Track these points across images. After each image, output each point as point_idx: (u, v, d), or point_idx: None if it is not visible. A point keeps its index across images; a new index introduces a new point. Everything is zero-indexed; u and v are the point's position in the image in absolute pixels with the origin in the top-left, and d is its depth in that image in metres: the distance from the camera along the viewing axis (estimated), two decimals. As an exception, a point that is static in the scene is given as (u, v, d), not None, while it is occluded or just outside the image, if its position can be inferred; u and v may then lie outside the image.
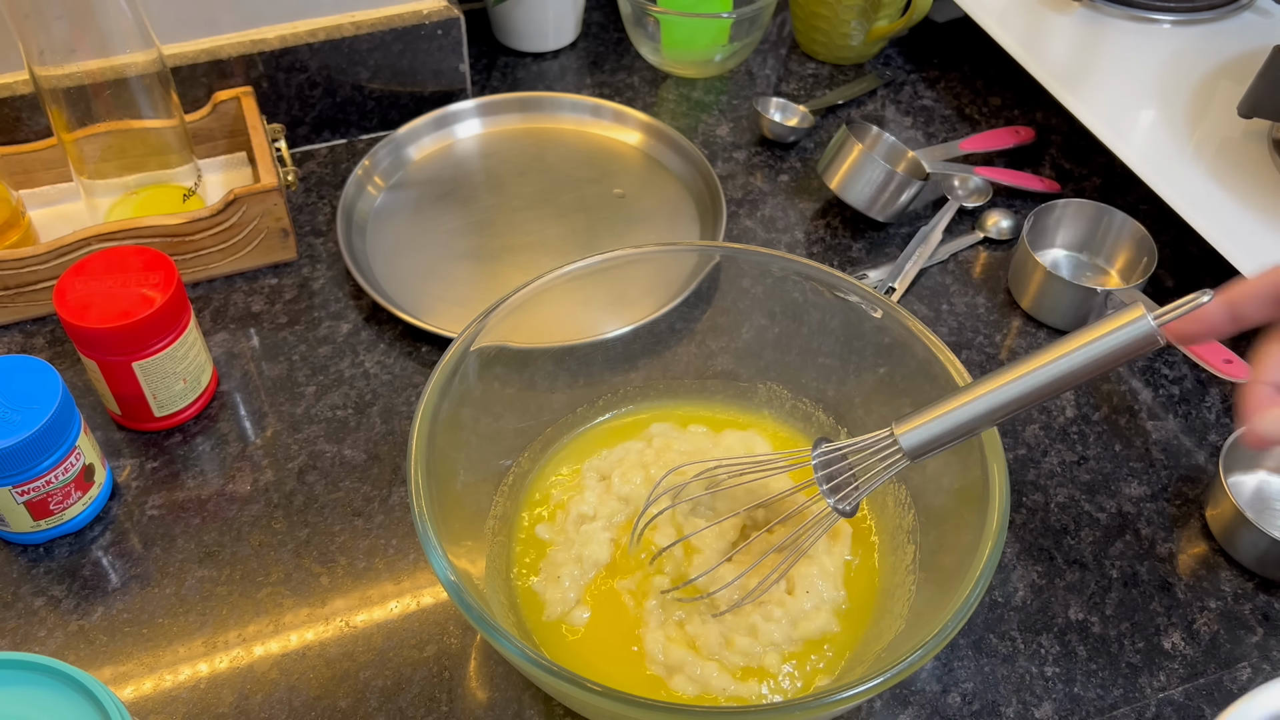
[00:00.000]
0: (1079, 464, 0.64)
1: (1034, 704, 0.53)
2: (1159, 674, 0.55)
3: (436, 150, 0.83)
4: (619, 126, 0.85)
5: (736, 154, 0.84)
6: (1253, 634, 0.56)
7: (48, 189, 0.75)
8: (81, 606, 0.56)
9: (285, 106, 0.80)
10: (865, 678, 0.41)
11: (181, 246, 0.69)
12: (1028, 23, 0.84)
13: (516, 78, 0.90)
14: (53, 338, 0.68)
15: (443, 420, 0.50)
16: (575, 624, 0.52)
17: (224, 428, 0.64)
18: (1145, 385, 0.68)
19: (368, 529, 0.59)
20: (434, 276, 0.73)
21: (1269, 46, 0.70)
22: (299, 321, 0.70)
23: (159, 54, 0.68)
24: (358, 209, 0.77)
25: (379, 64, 0.81)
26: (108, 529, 0.59)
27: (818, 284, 0.57)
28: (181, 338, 0.60)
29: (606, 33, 0.96)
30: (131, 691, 0.53)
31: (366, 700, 0.53)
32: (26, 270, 0.66)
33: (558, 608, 0.52)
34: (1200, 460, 0.64)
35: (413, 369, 0.68)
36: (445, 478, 0.50)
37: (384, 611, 0.56)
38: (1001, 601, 0.57)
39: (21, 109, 0.74)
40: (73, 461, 0.56)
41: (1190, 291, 0.44)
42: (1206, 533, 0.61)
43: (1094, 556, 0.59)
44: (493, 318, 0.53)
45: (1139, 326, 0.44)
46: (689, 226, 0.77)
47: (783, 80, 0.92)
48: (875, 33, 0.90)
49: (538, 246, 0.76)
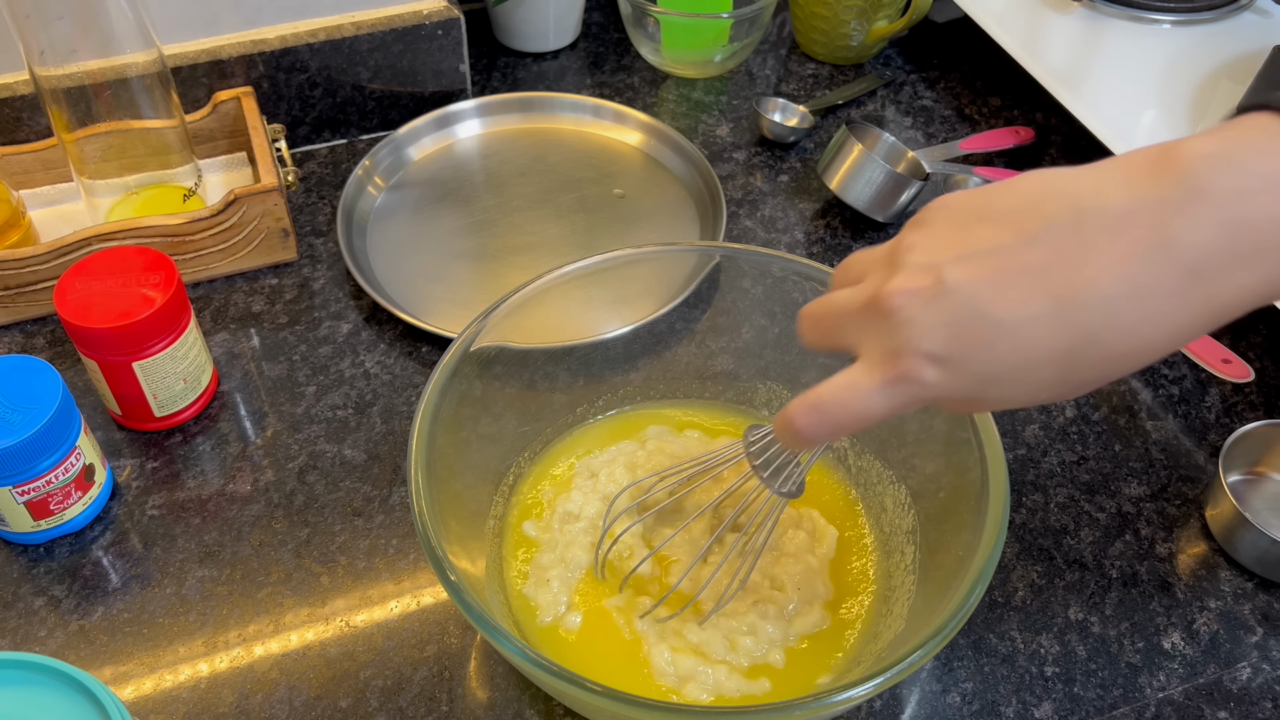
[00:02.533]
0: (1079, 464, 0.64)
1: (1034, 704, 0.53)
2: (1159, 674, 0.55)
3: (437, 150, 0.83)
4: (619, 127, 0.85)
5: (736, 154, 0.84)
6: (1252, 634, 0.56)
7: (48, 189, 0.75)
8: (82, 606, 0.56)
9: (285, 106, 0.80)
10: (865, 678, 0.41)
11: (182, 246, 0.69)
12: (1028, 23, 0.84)
13: (517, 78, 0.90)
14: (53, 338, 0.68)
15: (443, 420, 0.51)
16: (569, 629, 0.52)
17: (224, 428, 0.64)
18: (1145, 385, 0.69)
19: (368, 529, 0.59)
20: (434, 277, 0.73)
21: (1269, 46, 0.70)
22: (299, 321, 0.70)
23: (159, 54, 0.68)
24: (358, 209, 0.77)
25: (379, 64, 0.81)
26: (108, 529, 0.59)
27: (818, 284, 0.57)
28: (182, 338, 0.60)
29: (606, 33, 0.96)
30: (132, 691, 0.53)
31: (366, 700, 0.53)
32: (27, 270, 0.66)
33: (549, 613, 0.52)
34: (1200, 460, 0.64)
35: (413, 369, 0.68)
36: (446, 477, 0.50)
37: (384, 611, 0.56)
38: (1001, 601, 0.57)
39: (22, 109, 0.74)
40: (73, 461, 0.56)
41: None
42: (1206, 533, 0.61)
43: (1094, 556, 0.59)
44: (493, 318, 0.53)
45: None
46: (689, 226, 0.77)
47: (783, 80, 0.92)
48: (875, 33, 0.90)
49: (538, 247, 0.76)
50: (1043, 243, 0.33)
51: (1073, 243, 0.33)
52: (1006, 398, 0.35)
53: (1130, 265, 0.32)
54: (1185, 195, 0.32)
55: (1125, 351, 0.33)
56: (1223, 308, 0.33)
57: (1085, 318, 0.32)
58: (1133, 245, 0.32)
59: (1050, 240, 0.33)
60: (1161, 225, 0.32)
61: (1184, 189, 0.32)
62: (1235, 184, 0.31)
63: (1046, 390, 0.35)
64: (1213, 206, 0.31)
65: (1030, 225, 0.34)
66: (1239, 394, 0.68)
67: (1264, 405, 0.67)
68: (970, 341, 0.34)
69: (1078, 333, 0.33)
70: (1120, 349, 0.33)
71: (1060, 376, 0.34)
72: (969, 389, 0.35)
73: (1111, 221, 0.32)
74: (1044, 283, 0.33)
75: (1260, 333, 0.71)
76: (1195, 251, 0.31)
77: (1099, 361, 0.33)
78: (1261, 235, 0.31)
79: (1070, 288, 0.32)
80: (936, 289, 0.35)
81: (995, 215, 0.35)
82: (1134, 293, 0.32)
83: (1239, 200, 0.31)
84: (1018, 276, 0.33)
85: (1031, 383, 0.34)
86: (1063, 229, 0.33)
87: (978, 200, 0.36)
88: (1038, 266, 0.33)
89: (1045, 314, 0.33)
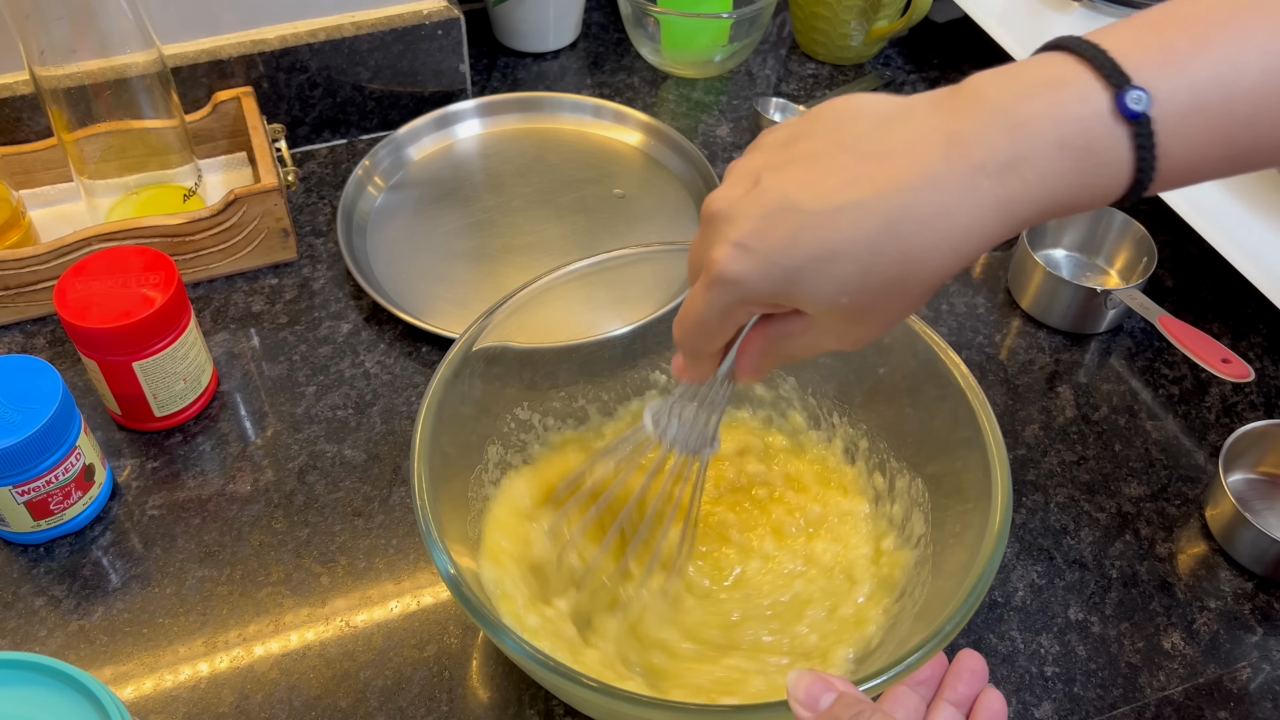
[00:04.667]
0: (1079, 464, 0.64)
1: (1034, 704, 0.53)
2: (1159, 674, 0.55)
3: (437, 150, 0.83)
4: (619, 127, 0.85)
5: (736, 154, 0.84)
6: (1252, 634, 0.56)
7: (48, 189, 0.75)
8: (82, 606, 0.56)
9: (285, 106, 0.80)
10: (865, 678, 0.41)
11: (182, 246, 0.69)
12: (1028, 23, 0.84)
13: (516, 78, 0.90)
14: (53, 338, 0.68)
15: (446, 418, 0.51)
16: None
17: (224, 428, 0.64)
18: (1145, 385, 0.69)
19: (368, 529, 0.59)
20: (434, 277, 0.73)
21: (1269, 47, 0.70)
22: (299, 321, 0.70)
23: (159, 54, 0.68)
24: (358, 209, 0.77)
25: (379, 64, 0.81)
26: (108, 529, 0.59)
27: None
28: (182, 338, 0.60)
29: (606, 33, 0.96)
30: (131, 691, 0.53)
31: (366, 700, 0.53)
32: (27, 270, 0.66)
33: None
34: (1200, 460, 0.64)
35: (413, 369, 0.68)
36: (448, 476, 0.50)
37: (384, 611, 0.56)
38: (1001, 601, 0.57)
39: (22, 109, 0.74)
40: (73, 461, 0.56)
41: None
42: (1206, 533, 0.61)
43: (1094, 556, 0.59)
44: (495, 317, 0.53)
45: None
46: (689, 226, 0.77)
47: (783, 80, 0.92)
48: (875, 33, 0.90)
49: (538, 247, 0.76)
50: (853, 149, 0.36)
51: (879, 147, 0.36)
52: (811, 294, 0.37)
53: (926, 160, 0.35)
54: (971, 102, 0.35)
55: (921, 246, 0.35)
56: (1013, 207, 0.35)
57: (883, 206, 0.35)
58: (932, 145, 0.35)
59: (861, 146, 0.36)
60: (953, 127, 0.35)
61: (971, 99, 0.35)
62: (1012, 90, 0.35)
63: (848, 291, 0.36)
64: (993, 109, 0.35)
65: (843, 136, 0.37)
66: (1239, 394, 0.68)
67: (1264, 405, 0.67)
68: (775, 230, 0.36)
69: (876, 221, 0.35)
70: (916, 242, 0.35)
71: (860, 271, 0.35)
72: (774, 279, 0.37)
73: (915, 129, 0.36)
74: (851, 180, 0.35)
75: (1260, 333, 0.71)
76: (982, 148, 0.34)
77: (898, 258, 0.35)
78: (1036, 135, 0.34)
79: (873, 183, 0.35)
80: (753, 190, 0.37)
81: (813, 132, 0.37)
82: (928, 183, 0.34)
83: (1015, 104, 0.34)
84: (827, 175, 0.36)
85: (832, 279, 0.36)
86: (871, 136, 0.36)
87: (799, 122, 0.39)
88: (848, 167, 0.36)
89: (849, 205, 0.35)
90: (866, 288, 0.36)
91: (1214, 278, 0.74)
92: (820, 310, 0.37)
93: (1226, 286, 0.72)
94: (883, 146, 0.36)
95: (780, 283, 0.37)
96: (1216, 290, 0.73)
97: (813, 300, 0.37)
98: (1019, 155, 0.34)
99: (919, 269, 0.35)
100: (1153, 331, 0.71)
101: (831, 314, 0.37)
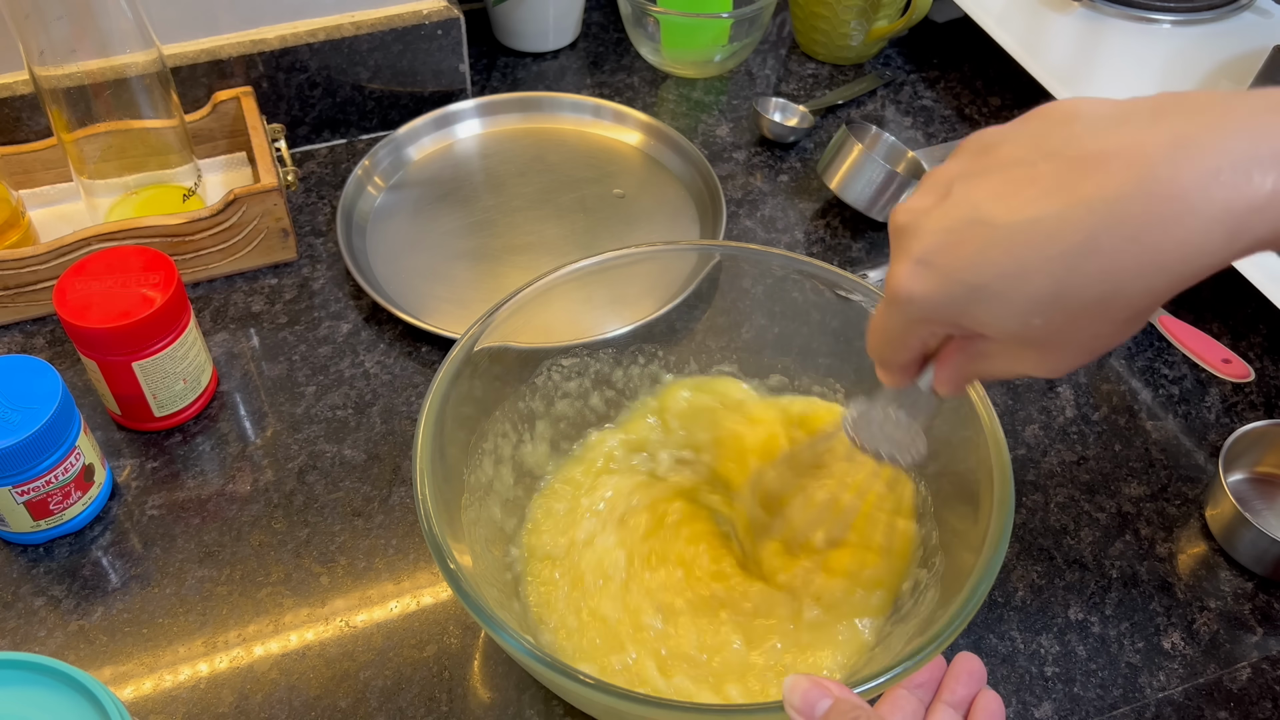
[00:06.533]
0: (1079, 464, 0.64)
1: (1034, 704, 0.53)
2: (1159, 674, 0.55)
3: (436, 150, 0.83)
4: (619, 126, 0.85)
5: (736, 154, 0.84)
6: (1252, 634, 0.56)
7: (48, 189, 0.75)
8: (81, 606, 0.56)
9: (285, 106, 0.80)
10: (865, 679, 0.41)
11: (181, 246, 0.69)
12: (1028, 23, 0.84)
13: (516, 78, 0.90)
14: (53, 338, 0.68)
15: (447, 417, 0.51)
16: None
17: (224, 428, 0.64)
18: (1145, 385, 0.69)
19: (368, 529, 0.59)
20: (434, 277, 0.73)
21: (1269, 46, 0.70)
22: (299, 321, 0.70)
23: (159, 54, 0.68)
24: (358, 209, 0.77)
25: (379, 64, 0.81)
26: (108, 529, 0.59)
27: (819, 282, 0.57)
28: (181, 338, 0.60)
29: (606, 33, 0.96)
30: (131, 691, 0.53)
31: (366, 700, 0.53)
32: (26, 270, 0.66)
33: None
34: (1200, 460, 0.64)
35: (413, 369, 0.68)
36: (449, 476, 0.50)
37: (384, 611, 0.56)
38: (1001, 601, 0.57)
39: (21, 109, 0.74)
40: (73, 461, 0.56)
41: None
42: (1206, 533, 0.61)
43: (1094, 556, 0.59)
44: (497, 317, 0.53)
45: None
46: (689, 226, 0.77)
47: (783, 80, 0.92)
48: (875, 33, 0.90)
49: (538, 247, 0.76)
50: (1058, 155, 0.32)
51: (1089, 151, 0.31)
52: (998, 316, 0.33)
53: (1145, 165, 0.30)
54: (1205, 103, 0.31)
55: (1127, 264, 0.30)
56: (1245, 220, 0.30)
57: (1086, 218, 0.30)
58: (1154, 148, 0.30)
59: (1068, 151, 0.32)
60: (1181, 128, 0.30)
61: (1206, 100, 0.31)
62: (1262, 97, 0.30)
63: (1041, 312, 0.32)
64: (1231, 111, 0.30)
65: (1050, 141, 0.33)
66: (1239, 394, 0.68)
67: (1264, 405, 0.67)
68: (962, 245, 0.33)
69: (1077, 234, 0.31)
70: (1122, 259, 0.30)
71: (1054, 290, 0.31)
72: (955, 297, 0.33)
73: (1135, 131, 0.31)
74: (1052, 189, 0.31)
75: (1260, 333, 0.71)
76: (1216, 153, 0.30)
77: (1099, 276, 0.31)
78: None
79: (1077, 192, 0.31)
80: (942, 201, 0.34)
81: (1017, 137, 0.34)
82: (1143, 191, 0.30)
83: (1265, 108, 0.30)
84: (1025, 186, 0.32)
85: (1021, 298, 0.32)
86: (1082, 140, 0.32)
87: (1006, 127, 0.35)
88: (1049, 175, 0.32)
89: (1046, 217, 0.31)
90: (1062, 309, 0.32)
91: (1214, 277, 0.74)
92: (1007, 334, 0.34)
93: (1226, 286, 0.72)
94: (1093, 151, 0.31)
95: (962, 302, 0.33)
96: (1216, 290, 0.73)
97: (998, 323, 0.33)
98: (1257, 158, 0.29)
99: (1123, 290, 0.31)
100: (1152, 331, 0.71)
101: (1020, 337, 0.34)
